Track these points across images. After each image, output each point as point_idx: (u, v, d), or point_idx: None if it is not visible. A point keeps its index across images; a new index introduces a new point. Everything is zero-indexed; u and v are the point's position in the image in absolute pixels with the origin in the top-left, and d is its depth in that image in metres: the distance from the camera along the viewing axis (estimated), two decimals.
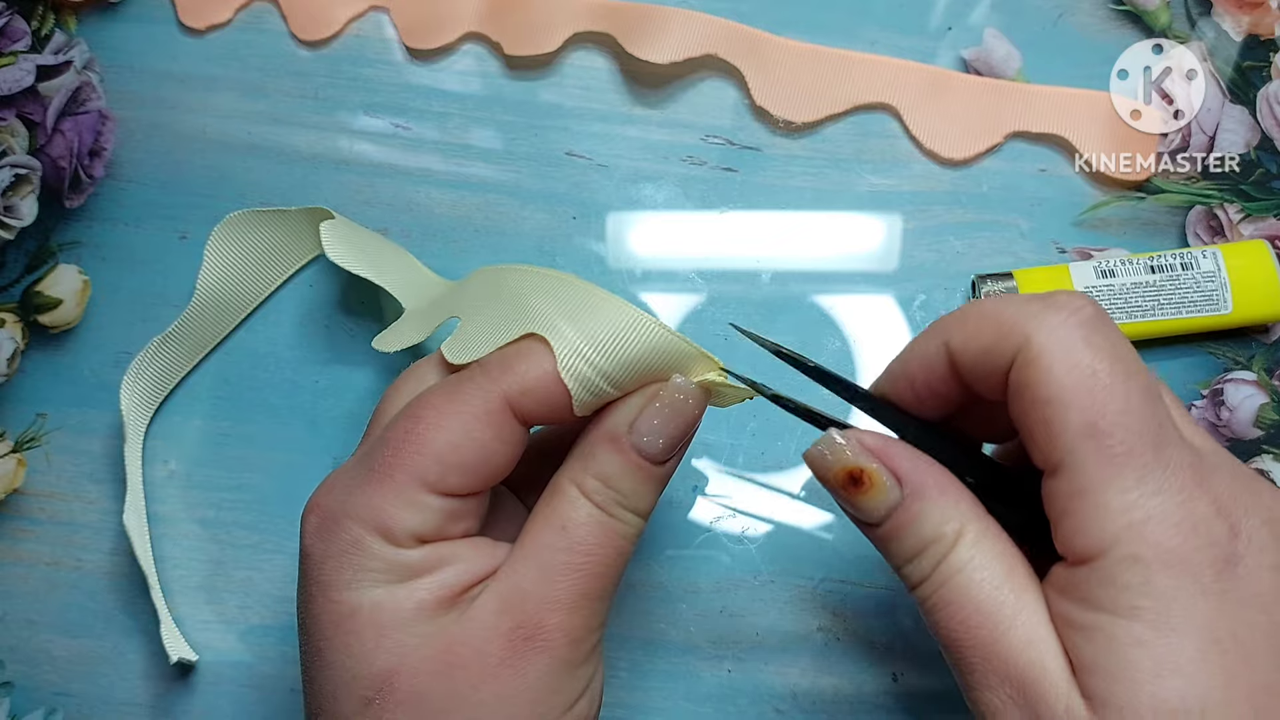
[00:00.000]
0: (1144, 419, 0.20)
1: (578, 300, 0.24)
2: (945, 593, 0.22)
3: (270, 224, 0.35)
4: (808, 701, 0.31)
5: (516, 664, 0.22)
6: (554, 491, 0.24)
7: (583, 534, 0.23)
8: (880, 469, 0.23)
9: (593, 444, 0.24)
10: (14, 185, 0.36)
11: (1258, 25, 0.37)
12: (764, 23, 0.37)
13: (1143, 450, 0.20)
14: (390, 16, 0.38)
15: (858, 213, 0.36)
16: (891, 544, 0.23)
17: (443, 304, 0.28)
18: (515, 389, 0.23)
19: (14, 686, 0.33)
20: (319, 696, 0.23)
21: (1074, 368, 0.20)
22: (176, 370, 0.35)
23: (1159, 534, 0.20)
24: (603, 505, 0.24)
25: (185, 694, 0.33)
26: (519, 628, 0.22)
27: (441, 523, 0.23)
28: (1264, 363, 0.34)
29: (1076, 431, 0.20)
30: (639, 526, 0.24)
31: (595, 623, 0.23)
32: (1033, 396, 0.21)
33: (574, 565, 0.23)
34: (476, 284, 0.27)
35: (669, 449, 0.24)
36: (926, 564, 0.22)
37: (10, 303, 0.36)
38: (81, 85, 0.38)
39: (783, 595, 0.32)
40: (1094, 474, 0.20)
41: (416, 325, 0.28)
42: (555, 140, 0.37)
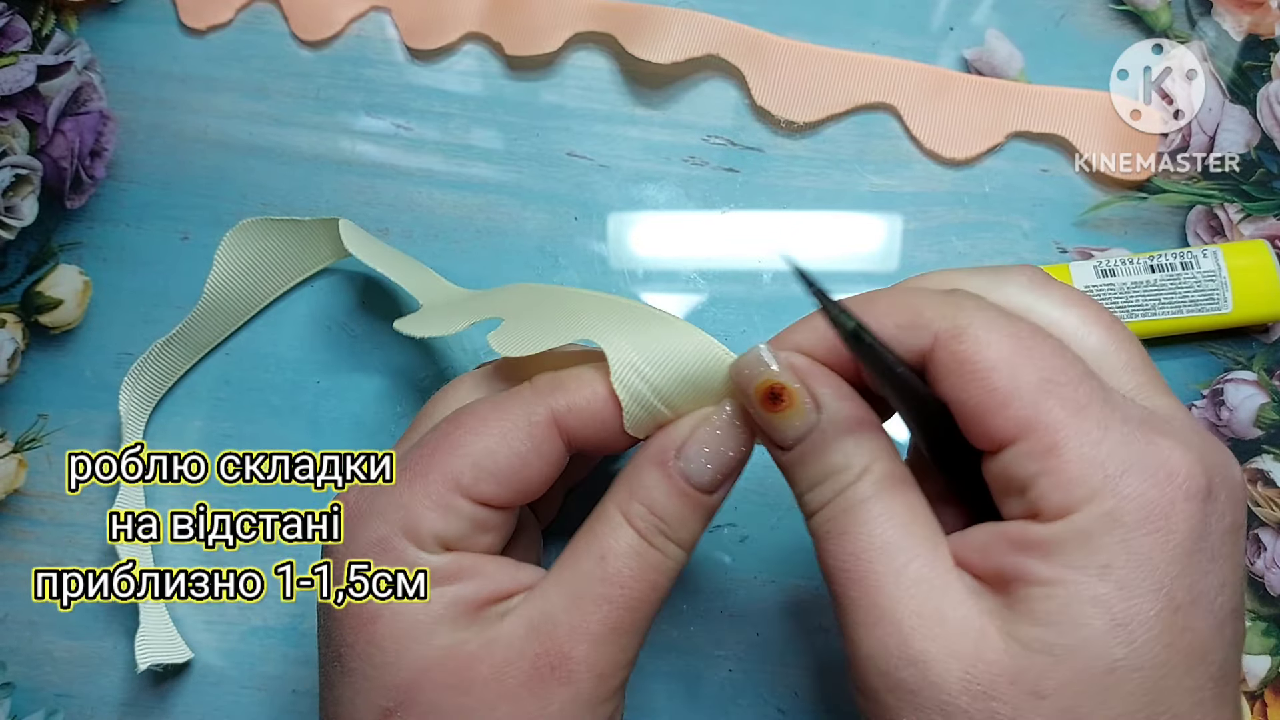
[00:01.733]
0: (1083, 372, 0.20)
1: (632, 315, 0.24)
2: (840, 521, 0.21)
3: (282, 232, 0.34)
4: (809, 701, 0.31)
5: (538, 691, 0.22)
6: (598, 518, 0.23)
7: (620, 565, 0.22)
8: (801, 390, 0.22)
9: (639, 468, 0.23)
10: (14, 185, 0.36)
11: (1258, 25, 0.37)
12: (765, 23, 0.37)
13: (1097, 402, 0.20)
14: (391, 17, 0.38)
15: (859, 213, 0.36)
16: (797, 468, 0.22)
17: (473, 306, 0.27)
18: (563, 405, 0.23)
19: (15, 687, 0.33)
20: (337, 702, 0.23)
21: (1007, 335, 0.21)
22: (175, 371, 0.35)
23: (1138, 487, 0.19)
24: (645, 534, 0.23)
25: (186, 695, 0.32)
26: (545, 655, 0.22)
27: (468, 531, 0.23)
28: (1264, 362, 0.34)
29: (1035, 387, 0.20)
30: (680, 560, 0.23)
31: (624, 659, 0.23)
32: (973, 368, 0.20)
33: (608, 597, 0.22)
34: (517, 293, 0.27)
35: (718, 477, 0.23)
36: (827, 491, 0.22)
37: (11, 303, 0.36)
38: (82, 85, 0.38)
39: (783, 595, 0.32)
40: (1062, 427, 0.20)
41: (443, 319, 0.27)
42: (556, 141, 0.37)
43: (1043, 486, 0.20)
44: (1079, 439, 0.20)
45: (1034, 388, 0.20)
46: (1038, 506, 0.20)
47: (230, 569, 0.28)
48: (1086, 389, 0.20)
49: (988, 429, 0.20)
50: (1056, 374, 0.20)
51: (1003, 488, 0.21)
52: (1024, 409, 0.20)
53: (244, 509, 0.28)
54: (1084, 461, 0.19)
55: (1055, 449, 0.20)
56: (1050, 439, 0.20)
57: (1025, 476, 0.20)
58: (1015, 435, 0.20)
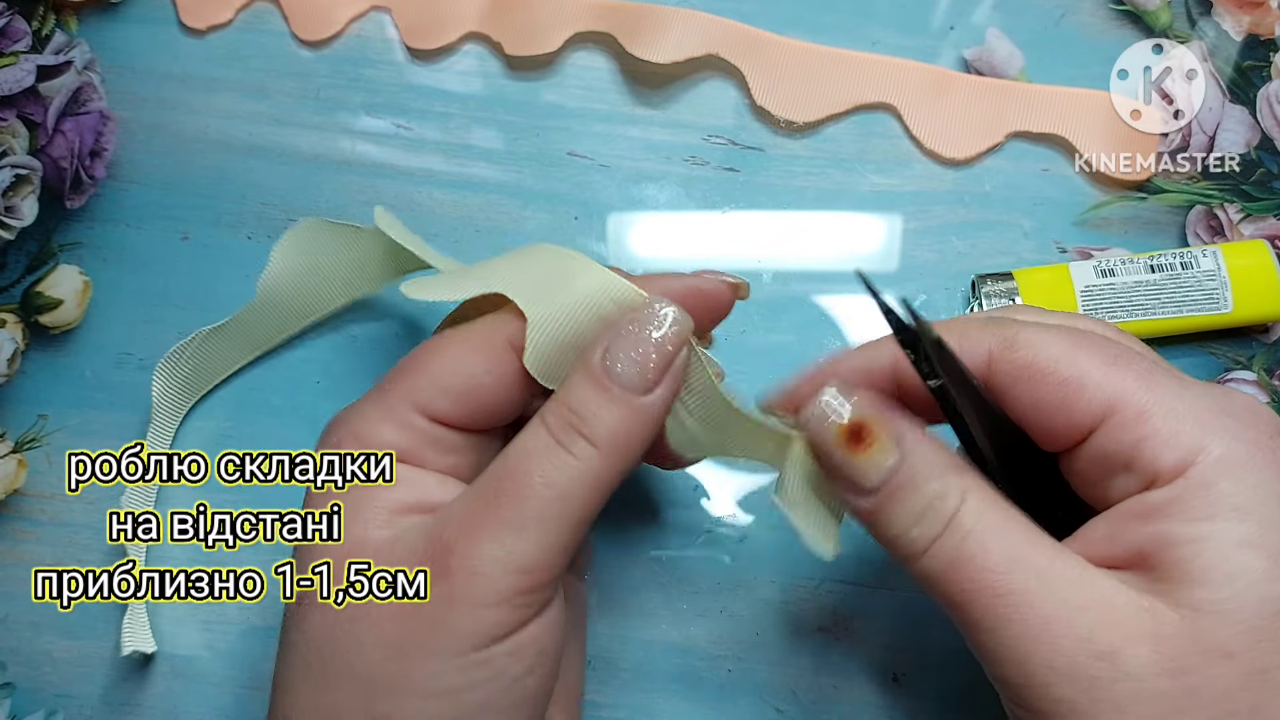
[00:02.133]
0: (1137, 352, 0.22)
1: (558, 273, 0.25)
2: (965, 547, 0.21)
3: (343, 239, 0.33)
4: (808, 701, 0.31)
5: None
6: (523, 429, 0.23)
7: (519, 460, 0.22)
8: (888, 422, 0.22)
9: (569, 372, 0.23)
10: (14, 185, 0.36)
11: (1258, 25, 0.37)
12: (765, 22, 0.37)
13: (1161, 369, 0.21)
14: (392, 16, 0.38)
15: (859, 212, 0.36)
16: (892, 507, 0.22)
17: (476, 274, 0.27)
18: (517, 332, 0.24)
19: (15, 688, 0.33)
20: None
21: (1058, 335, 0.21)
22: (219, 366, 0.35)
23: (1234, 428, 0.20)
24: (554, 431, 0.22)
25: (185, 695, 0.32)
26: (430, 549, 0.21)
27: (422, 447, 0.23)
28: (1264, 363, 0.34)
29: (1102, 367, 0.21)
30: (595, 464, 0.22)
31: (516, 561, 0.21)
32: (1038, 370, 0.21)
33: (499, 491, 0.21)
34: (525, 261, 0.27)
35: (642, 372, 0.22)
36: (934, 523, 0.21)
37: (11, 303, 0.36)
38: (82, 85, 0.37)
39: (783, 595, 0.32)
40: (1144, 394, 0.20)
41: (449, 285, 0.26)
42: (557, 140, 0.37)
43: (1149, 451, 0.20)
44: (1164, 401, 0.20)
45: (1101, 370, 0.21)
46: (1152, 471, 0.20)
47: (230, 569, 0.28)
48: (1147, 363, 0.21)
49: (1071, 418, 0.21)
50: (1116, 355, 0.21)
51: (1103, 471, 0.21)
52: (1100, 389, 0.20)
53: (244, 509, 0.28)
54: (1178, 417, 0.20)
55: (1145, 415, 0.20)
56: (1137, 407, 0.20)
57: (1126, 449, 0.20)
58: (1101, 414, 0.21)
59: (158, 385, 0.34)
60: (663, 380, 0.23)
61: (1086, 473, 0.22)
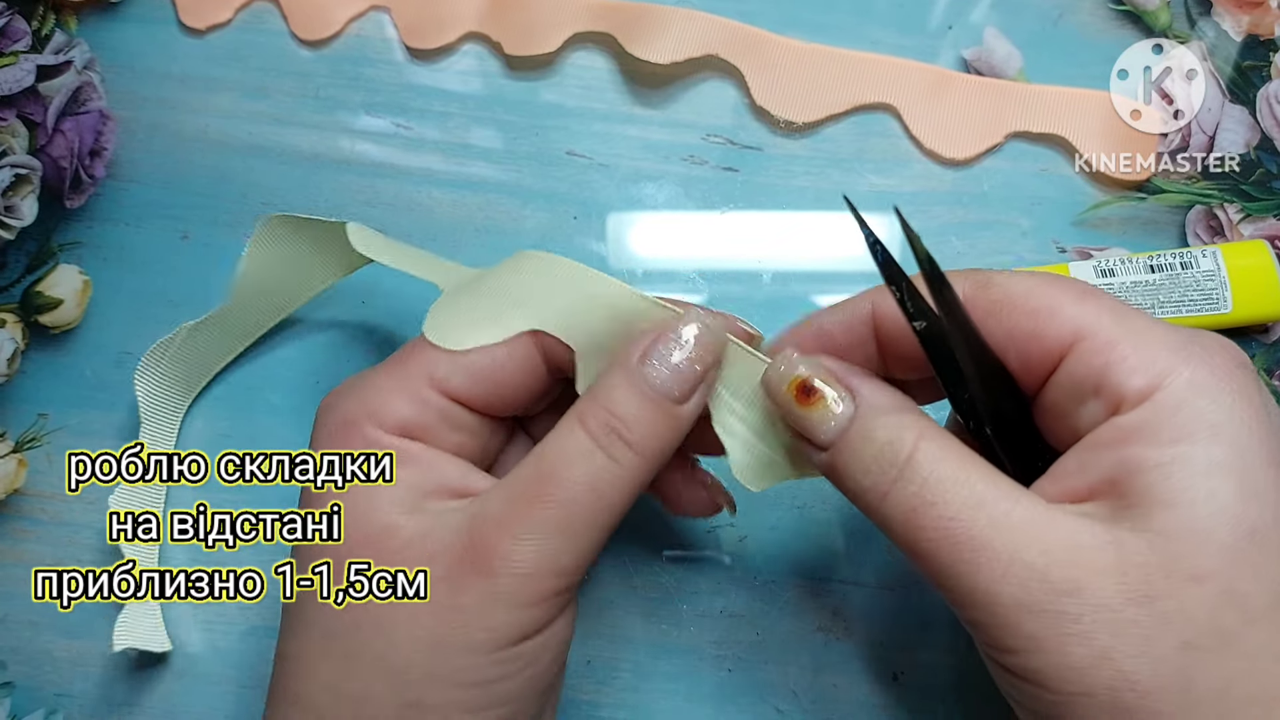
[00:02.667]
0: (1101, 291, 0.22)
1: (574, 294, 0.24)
2: (923, 493, 0.21)
3: (309, 232, 0.33)
4: (808, 701, 0.31)
5: (456, 582, 0.21)
6: (557, 426, 0.23)
7: (559, 462, 0.22)
8: (831, 381, 0.22)
9: (604, 373, 0.23)
10: (14, 185, 0.36)
11: (1258, 25, 0.37)
12: (765, 22, 0.37)
13: (1130, 306, 0.22)
14: (391, 16, 0.38)
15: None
16: (846, 456, 0.22)
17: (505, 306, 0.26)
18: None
19: (15, 687, 0.33)
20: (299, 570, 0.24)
21: (1028, 274, 0.22)
22: (208, 361, 0.35)
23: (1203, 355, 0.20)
24: (596, 435, 0.22)
25: (185, 695, 0.32)
26: (469, 547, 0.22)
27: (435, 423, 0.24)
28: (1264, 363, 0.34)
29: (1074, 299, 0.21)
30: (633, 469, 0.22)
31: (555, 564, 0.22)
32: (1011, 303, 0.22)
33: (540, 494, 0.22)
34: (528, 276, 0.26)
35: (680, 381, 0.23)
36: (890, 467, 0.21)
37: (11, 303, 0.36)
38: (82, 85, 0.37)
39: (783, 595, 0.32)
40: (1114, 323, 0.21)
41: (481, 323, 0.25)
42: (556, 140, 0.37)
43: (1118, 374, 0.20)
44: (1133, 330, 0.20)
45: (1073, 302, 0.21)
46: (1119, 394, 0.20)
47: (230, 569, 0.28)
48: (1118, 301, 0.21)
49: (1043, 344, 0.21)
50: (1086, 291, 0.21)
51: (1071, 400, 0.21)
52: (1070, 318, 0.21)
53: (244, 509, 0.28)
54: (1147, 344, 0.20)
55: (1114, 341, 0.20)
56: (1108, 332, 0.21)
57: (1095, 373, 0.20)
58: (1070, 338, 0.21)
59: (142, 384, 0.33)
60: (698, 389, 0.23)
61: (1059, 404, 0.22)
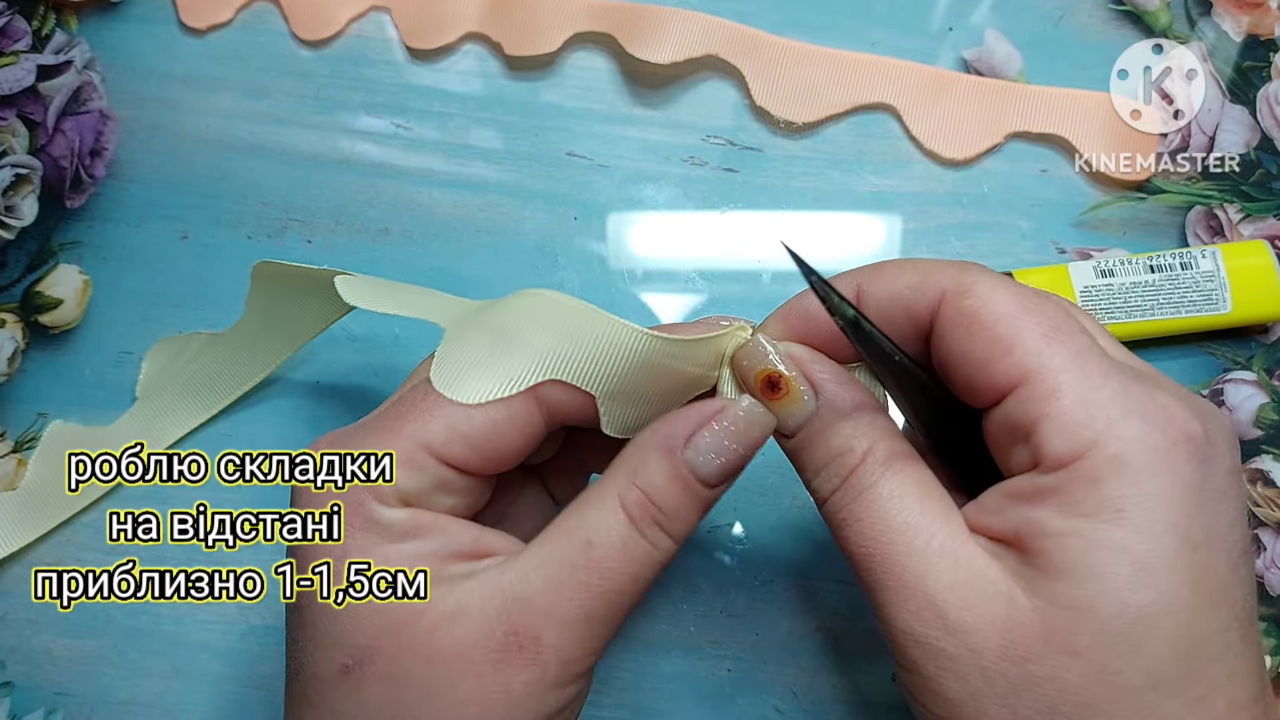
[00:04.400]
0: (1083, 328, 0.21)
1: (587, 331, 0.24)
2: (855, 508, 0.22)
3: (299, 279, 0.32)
4: (808, 701, 0.31)
5: (503, 670, 0.21)
6: (590, 500, 0.23)
7: (605, 553, 0.22)
8: (798, 377, 0.23)
9: (644, 452, 0.23)
10: (15, 185, 0.36)
11: (1258, 25, 0.37)
12: (764, 23, 0.37)
13: (1096, 353, 0.20)
14: (391, 17, 0.38)
15: (858, 213, 0.36)
16: (803, 454, 0.23)
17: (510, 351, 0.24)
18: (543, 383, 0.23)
19: (14, 686, 0.33)
20: (299, 653, 0.23)
21: (1013, 293, 0.21)
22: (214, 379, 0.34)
23: (1140, 430, 0.19)
24: (638, 522, 0.22)
25: (185, 694, 0.33)
26: (514, 634, 0.21)
27: (431, 490, 0.23)
28: (1264, 363, 0.34)
29: (1038, 336, 0.20)
30: (668, 554, 0.23)
31: (594, 647, 0.22)
32: (978, 320, 0.21)
33: (588, 585, 0.22)
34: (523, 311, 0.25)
35: (723, 472, 0.23)
36: (835, 476, 0.22)
37: (11, 302, 0.36)
38: (82, 85, 0.38)
39: (783, 595, 0.32)
40: (1063, 372, 0.20)
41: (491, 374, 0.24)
42: (556, 140, 0.37)
43: (1045, 431, 0.20)
44: (1080, 383, 0.20)
45: (1036, 338, 0.20)
46: (1041, 453, 0.20)
47: (230, 569, 0.28)
48: (1086, 340, 0.21)
49: (991, 377, 0.21)
50: (1059, 325, 0.21)
51: (1006, 438, 0.21)
52: (1026, 356, 0.20)
53: (244, 509, 0.28)
54: (1086, 405, 0.20)
55: (1056, 392, 0.20)
56: (1052, 383, 0.20)
57: (1028, 422, 0.20)
58: (1017, 380, 0.20)
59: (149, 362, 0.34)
60: (733, 477, 0.23)
61: (996, 436, 0.22)
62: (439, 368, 0.24)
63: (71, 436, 0.34)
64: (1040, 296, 0.21)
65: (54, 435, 0.34)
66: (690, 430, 0.22)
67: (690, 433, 0.22)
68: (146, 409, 0.34)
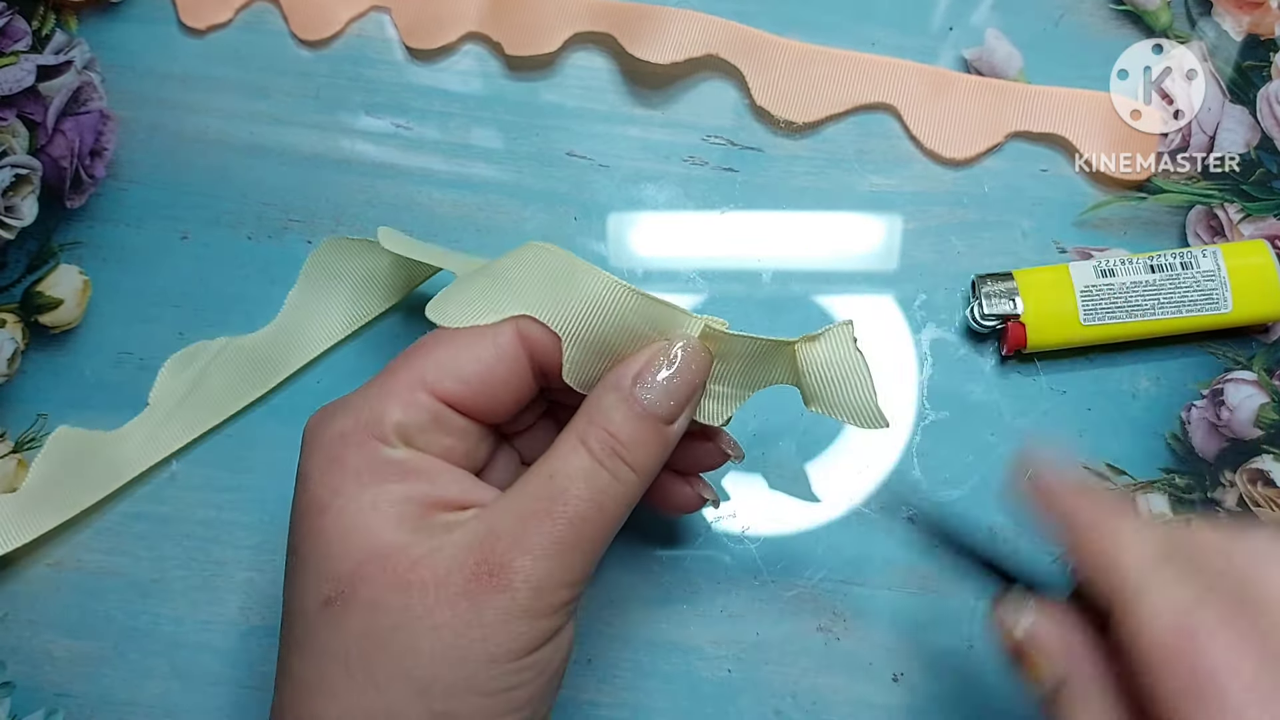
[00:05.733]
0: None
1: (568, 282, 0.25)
2: None
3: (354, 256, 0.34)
4: (808, 701, 0.31)
5: (475, 599, 0.22)
6: (554, 446, 0.24)
7: (567, 482, 0.23)
8: (1043, 654, 0.24)
9: (599, 393, 0.24)
10: (14, 185, 0.36)
11: (1258, 25, 0.37)
12: (765, 23, 0.37)
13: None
14: (391, 16, 0.38)
15: (859, 213, 0.36)
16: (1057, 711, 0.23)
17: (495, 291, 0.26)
18: (528, 326, 0.24)
19: (14, 687, 0.33)
20: (290, 589, 0.24)
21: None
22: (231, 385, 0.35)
23: None
24: (599, 455, 0.23)
25: (186, 695, 0.32)
26: (484, 562, 0.22)
27: (428, 425, 0.24)
28: (1264, 362, 0.34)
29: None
30: (632, 487, 0.24)
31: (567, 577, 0.23)
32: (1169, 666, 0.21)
33: (552, 512, 0.23)
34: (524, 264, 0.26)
35: (672, 403, 0.24)
36: None
37: (11, 303, 0.36)
38: (82, 85, 0.38)
39: (783, 595, 0.32)
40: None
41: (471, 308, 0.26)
42: (556, 140, 0.37)
43: None
44: None
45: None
46: None
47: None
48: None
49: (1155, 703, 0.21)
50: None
51: None
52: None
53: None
54: None
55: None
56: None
57: None
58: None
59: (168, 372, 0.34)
60: (685, 409, 0.25)
61: None
62: (436, 301, 0.26)
63: (76, 440, 0.34)
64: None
65: (59, 439, 0.34)
66: (639, 369, 0.24)
67: (639, 371, 0.24)
68: (156, 414, 0.34)
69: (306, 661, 0.23)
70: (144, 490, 0.34)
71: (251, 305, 0.36)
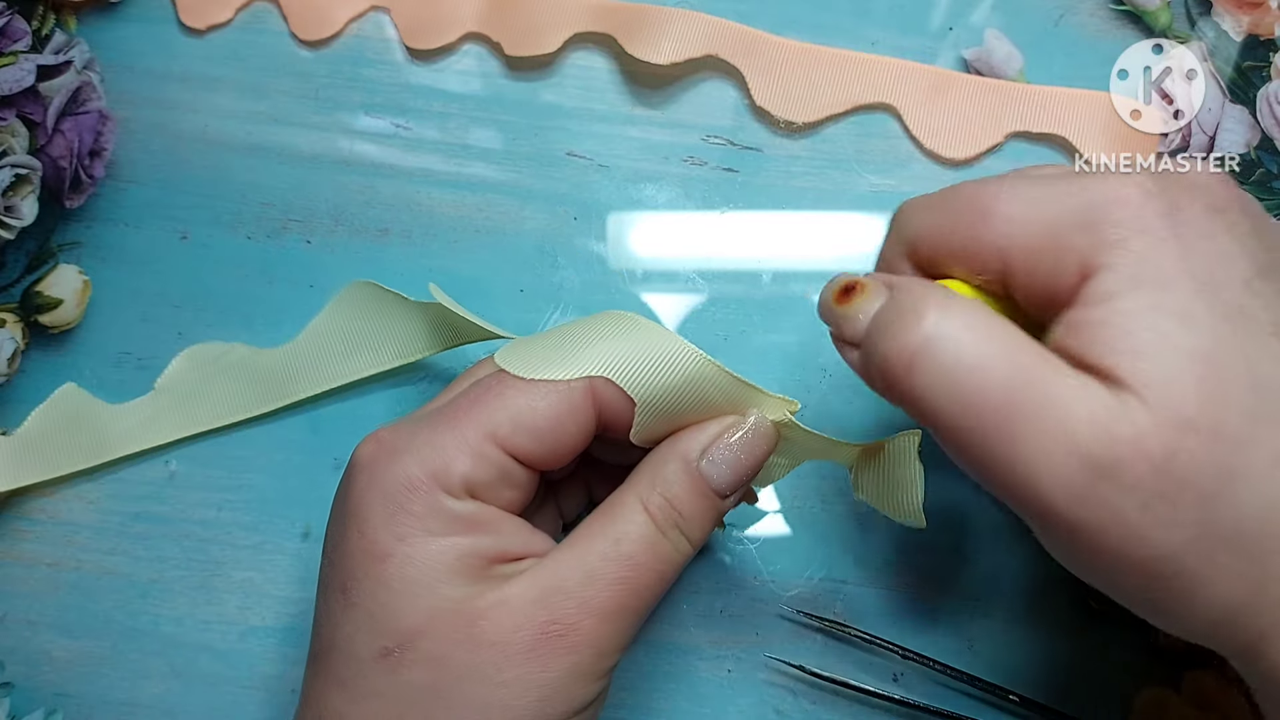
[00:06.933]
0: None
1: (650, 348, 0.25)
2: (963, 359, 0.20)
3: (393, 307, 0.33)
4: (808, 701, 0.31)
5: (542, 657, 0.22)
6: (616, 503, 0.24)
7: (634, 549, 0.23)
8: (875, 279, 0.23)
9: (665, 461, 0.25)
10: (14, 185, 0.36)
11: (1258, 25, 0.37)
12: (764, 23, 0.37)
13: None
14: (391, 16, 0.38)
15: (859, 213, 0.36)
16: (875, 337, 0.22)
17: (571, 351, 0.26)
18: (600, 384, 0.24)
19: (14, 687, 0.33)
20: (335, 633, 0.23)
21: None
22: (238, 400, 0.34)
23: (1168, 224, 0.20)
24: (660, 524, 0.24)
25: (186, 695, 0.32)
26: (553, 623, 0.23)
27: (496, 481, 0.24)
28: None
29: None
30: (687, 555, 0.25)
31: (622, 641, 0.24)
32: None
33: (620, 578, 0.23)
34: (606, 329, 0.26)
35: (735, 482, 0.25)
36: (914, 332, 0.21)
37: (10, 303, 0.36)
38: (82, 85, 0.37)
39: (783, 595, 0.32)
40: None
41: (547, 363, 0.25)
42: (556, 140, 0.37)
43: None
44: None
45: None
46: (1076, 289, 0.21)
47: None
48: None
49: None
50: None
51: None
52: None
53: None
54: None
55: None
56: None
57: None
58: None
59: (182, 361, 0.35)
60: (744, 485, 0.25)
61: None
62: (505, 351, 0.25)
63: (79, 403, 0.34)
64: None
65: (64, 395, 0.34)
66: (706, 443, 0.24)
67: (706, 445, 0.24)
68: (159, 401, 0.34)
69: (355, 704, 0.23)
70: (144, 490, 0.34)
71: (251, 305, 0.36)
